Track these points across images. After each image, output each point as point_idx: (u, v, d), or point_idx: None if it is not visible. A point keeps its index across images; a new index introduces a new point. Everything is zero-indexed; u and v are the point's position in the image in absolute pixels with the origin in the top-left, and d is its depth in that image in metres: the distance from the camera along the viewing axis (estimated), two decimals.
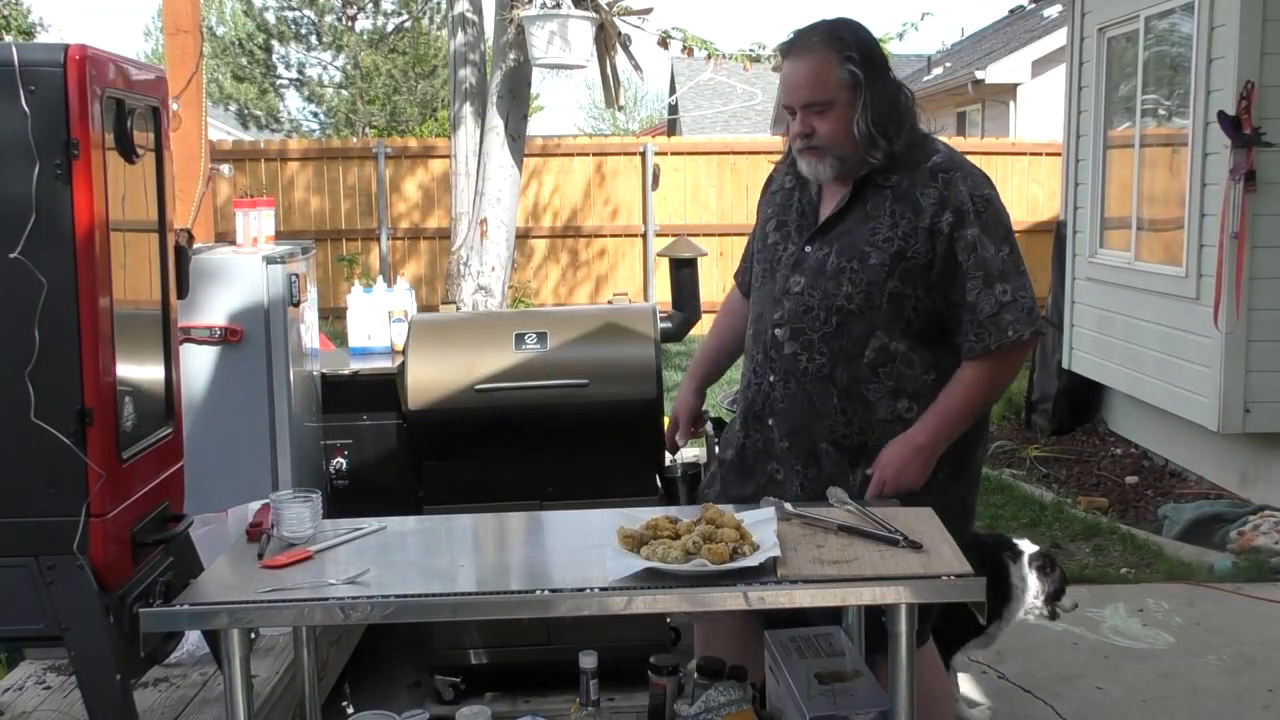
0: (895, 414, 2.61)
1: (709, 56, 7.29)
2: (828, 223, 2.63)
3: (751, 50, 7.55)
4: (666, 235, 11.62)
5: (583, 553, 2.25)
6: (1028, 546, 3.66)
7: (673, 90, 28.23)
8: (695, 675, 2.62)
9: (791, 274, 2.63)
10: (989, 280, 2.54)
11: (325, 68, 24.40)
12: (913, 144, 2.59)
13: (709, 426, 3.07)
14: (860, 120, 2.53)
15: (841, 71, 2.53)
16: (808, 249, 2.64)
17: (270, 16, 23.66)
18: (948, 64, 20.08)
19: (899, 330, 2.58)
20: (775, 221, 2.74)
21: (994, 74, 15.33)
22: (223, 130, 21.54)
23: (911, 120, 2.60)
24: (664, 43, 6.98)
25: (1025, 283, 2.58)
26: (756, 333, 2.70)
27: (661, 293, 10.24)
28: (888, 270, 2.54)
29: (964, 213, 2.54)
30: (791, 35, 2.64)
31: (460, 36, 6.74)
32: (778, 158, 2.81)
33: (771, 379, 2.65)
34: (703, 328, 3.85)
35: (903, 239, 2.54)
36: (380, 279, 4.86)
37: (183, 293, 2.87)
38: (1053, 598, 3.69)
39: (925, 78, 20.12)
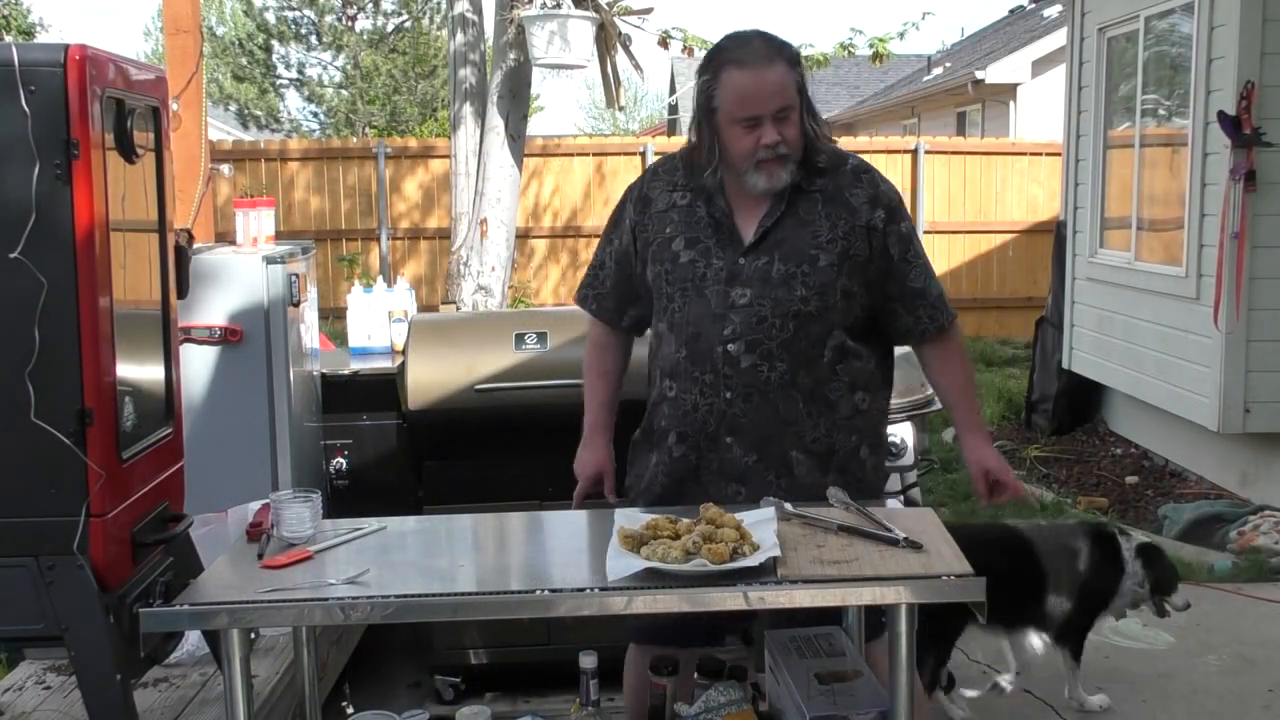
0: (855, 409, 2.65)
1: None
2: (764, 233, 2.59)
3: None
4: None
5: (583, 553, 2.25)
6: (1138, 535, 3.73)
7: (673, 90, 28.24)
8: (695, 675, 2.61)
9: (730, 288, 2.57)
10: (925, 267, 2.70)
11: (325, 68, 24.41)
12: (830, 151, 2.66)
13: None
14: (809, 121, 2.58)
15: (795, 76, 2.56)
16: (741, 261, 2.58)
17: (270, 16, 23.66)
18: (948, 64, 20.08)
19: (849, 327, 2.64)
20: (683, 240, 2.63)
21: (994, 74, 15.33)
22: (223, 130, 21.54)
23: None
24: (664, 43, 6.98)
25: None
26: (695, 354, 2.59)
27: None
28: (837, 270, 2.58)
29: (893, 209, 2.66)
30: (734, 47, 2.58)
31: (460, 36, 6.74)
32: None
33: (728, 396, 2.57)
34: None
35: (845, 238, 2.59)
36: (380, 279, 4.86)
37: (183, 293, 2.87)
38: (1159, 589, 3.70)
39: (925, 78, 20.13)
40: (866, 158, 2.82)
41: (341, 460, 4.04)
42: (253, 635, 3.00)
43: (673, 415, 2.66)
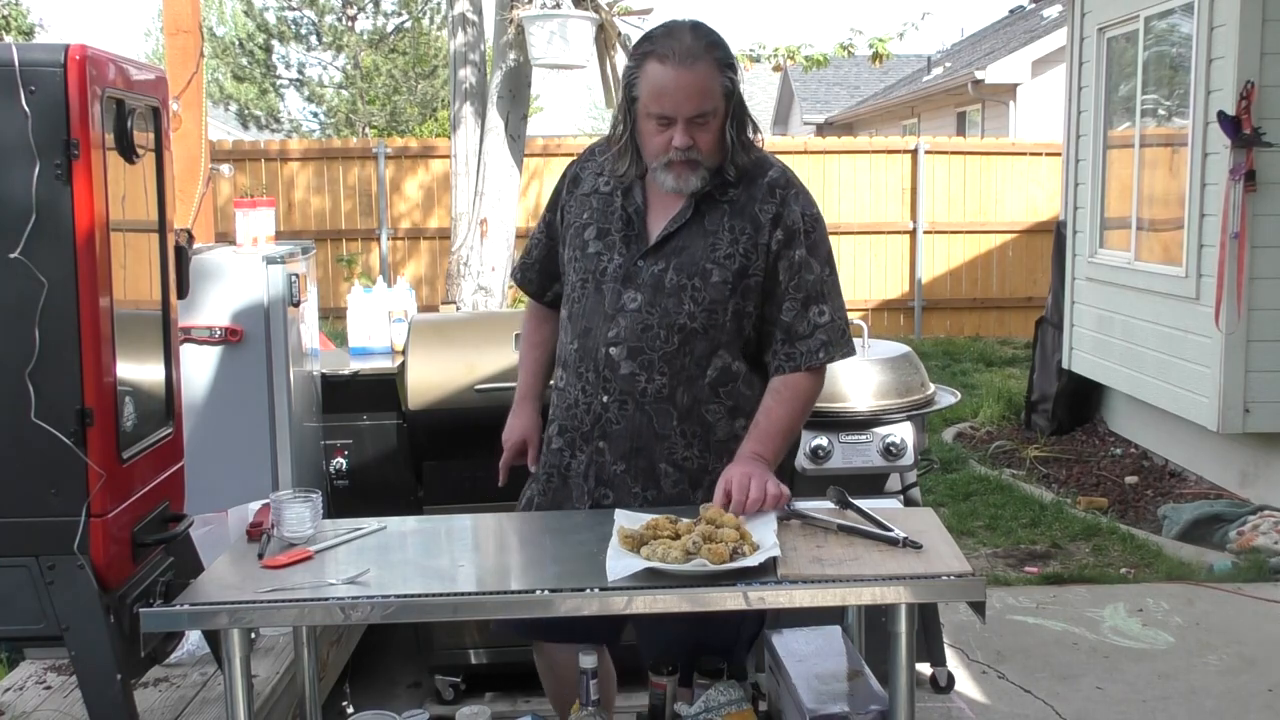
0: (733, 433, 2.54)
1: None
2: (663, 238, 2.52)
3: (751, 50, 7.55)
4: None
5: (583, 553, 2.25)
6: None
7: None
8: (695, 675, 2.62)
9: (624, 289, 2.51)
10: (807, 302, 2.53)
11: (325, 68, 24.39)
12: (756, 155, 2.56)
13: None
14: (731, 129, 2.47)
15: (723, 80, 2.45)
16: (640, 263, 2.51)
17: (270, 16, 23.64)
18: (948, 64, 20.09)
19: (739, 349, 2.54)
20: (595, 229, 2.57)
21: (994, 74, 15.33)
22: (223, 130, 21.52)
23: (753, 130, 2.56)
24: None
25: (842, 304, 2.59)
26: (584, 350, 2.54)
27: None
28: (731, 288, 2.48)
29: (794, 232, 2.52)
30: (662, 37, 2.46)
31: (460, 36, 6.74)
32: (779, 157, 2.75)
33: (605, 399, 2.51)
34: None
35: (744, 255, 2.50)
36: (380, 279, 4.86)
37: (183, 293, 2.87)
38: None
39: (925, 78, 20.13)
40: (866, 158, 2.78)
41: (341, 460, 4.05)
42: (253, 635, 3.00)
43: (558, 406, 2.63)
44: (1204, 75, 6.13)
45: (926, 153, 12.47)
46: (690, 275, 2.49)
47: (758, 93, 28.00)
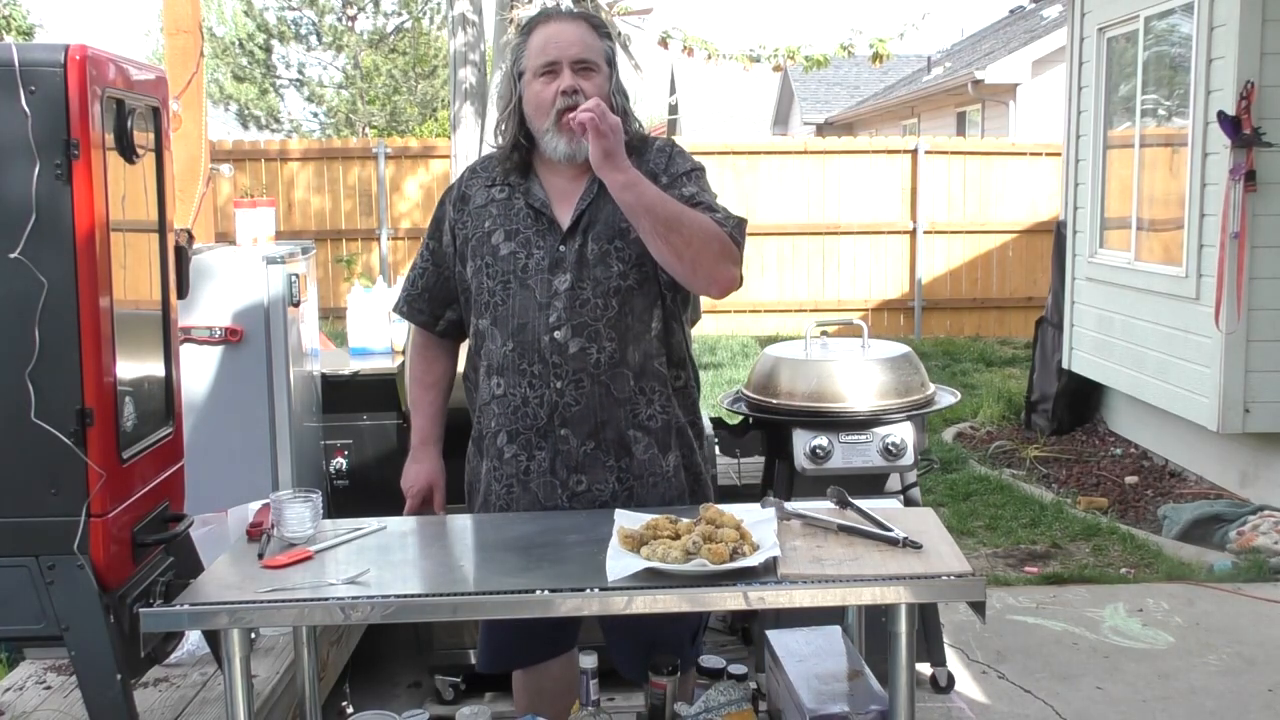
0: (685, 383, 2.68)
1: (709, 56, 7.29)
2: (576, 218, 2.59)
3: (751, 50, 7.56)
4: None
5: (583, 553, 2.25)
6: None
7: (672, 90, 28.24)
8: (695, 675, 2.62)
9: (553, 276, 2.55)
10: (710, 209, 2.56)
11: (325, 68, 24.41)
12: (639, 135, 2.65)
13: (713, 430, 3.02)
14: (616, 97, 2.59)
15: (603, 44, 2.61)
16: (562, 248, 2.57)
17: (270, 16, 23.66)
18: (948, 64, 20.09)
19: (671, 297, 2.62)
20: (503, 232, 2.61)
21: (994, 74, 15.34)
22: (223, 130, 21.54)
23: (635, 123, 2.67)
24: (664, 43, 6.99)
25: (740, 221, 2.62)
26: (522, 345, 2.56)
27: None
28: None
29: (679, 173, 2.61)
30: (542, 13, 2.68)
31: (460, 36, 6.75)
32: (779, 157, 2.78)
33: (559, 385, 2.54)
34: (701, 328, 3.84)
35: None
36: (380, 279, 4.86)
37: (183, 293, 2.86)
38: None
39: (925, 78, 20.14)
40: (866, 158, 2.82)
41: (341, 460, 4.05)
42: (253, 635, 3.00)
43: (502, 413, 2.62)
44: (1204, 75, 6.13)
45: (926, 153, 12.47)
46: (610, 239, 2.56)
47: (758, 93, 27.98)
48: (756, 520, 2.29)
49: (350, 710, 3.55)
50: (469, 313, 2.68)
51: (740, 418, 3.78)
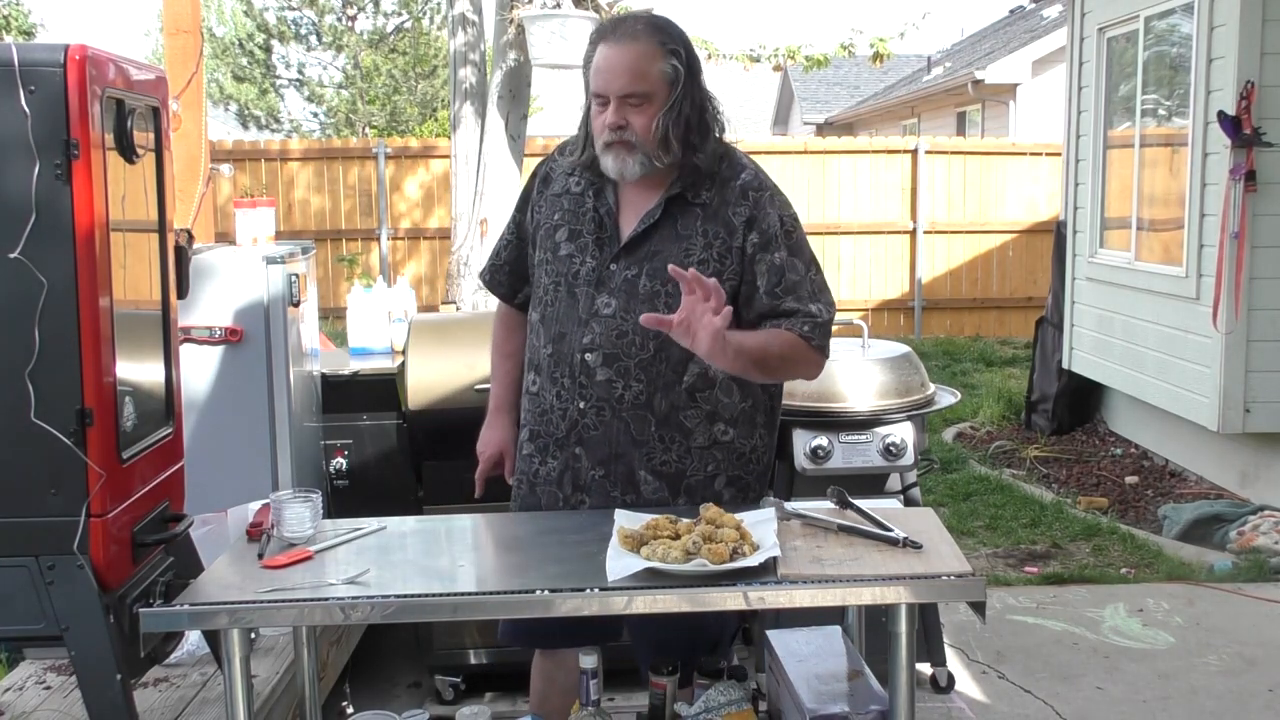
0: (713, 439, 2.53)
1: (709, 56, 7.29)
2: (635, 240, 2.49)
3: (751, 50, 7.56)
4: None
5: (583, 553, 2.25)
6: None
7: None
8: (695, 675, 2.62)
9: (597, 294, 2.48)
10: (801, 295, 2.47)
11: (325, 68, 24.38)
12: (717, 156, 2.51)
13: None
14: (663, 118, 2.43)
15: (665, 65, 2.43)
16: (612, 266, 2.49)
17: (270, 16, 23.63)
18: (948, 64, 20.09)
19: None
20: (567, 230, 2.55)
21: (994, 74, 15.34)
22: (223, 130, 21.52)
23: (719, 132, 2.53)
24: None
25: (832, 301, 2.55)
26: (559, 355, 2.51)
27: None
28: None
29: (771, 236, 2.48)
30: (614, 22, 2.51)
31: (460, 36, 6.74)
32: (779, 157, 2.75)
33: (582, 406, 2.49)
34: None
35: (718, 260, 2.46)
36: (380, 279, 4.86)
37: (183, 293, 2.87)
38: None
39: (925, 78, 20.14)
40: (866, 158, 2.77)
41: (341, 460, 4.05)
42: (253, 635, 3.00)
43: (531, 411, 2.60)
44: (1204, 75, 6.13)
45: (926, 153, 12.47)
46: (665, 281, 2.44)
47: (758, 93, 27.99)
48: (756, 520, 2.29)
49: (350, 710, 3.55)
50: (533, 296, 2.64)
51: None
